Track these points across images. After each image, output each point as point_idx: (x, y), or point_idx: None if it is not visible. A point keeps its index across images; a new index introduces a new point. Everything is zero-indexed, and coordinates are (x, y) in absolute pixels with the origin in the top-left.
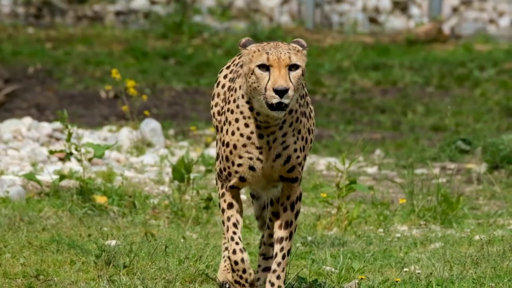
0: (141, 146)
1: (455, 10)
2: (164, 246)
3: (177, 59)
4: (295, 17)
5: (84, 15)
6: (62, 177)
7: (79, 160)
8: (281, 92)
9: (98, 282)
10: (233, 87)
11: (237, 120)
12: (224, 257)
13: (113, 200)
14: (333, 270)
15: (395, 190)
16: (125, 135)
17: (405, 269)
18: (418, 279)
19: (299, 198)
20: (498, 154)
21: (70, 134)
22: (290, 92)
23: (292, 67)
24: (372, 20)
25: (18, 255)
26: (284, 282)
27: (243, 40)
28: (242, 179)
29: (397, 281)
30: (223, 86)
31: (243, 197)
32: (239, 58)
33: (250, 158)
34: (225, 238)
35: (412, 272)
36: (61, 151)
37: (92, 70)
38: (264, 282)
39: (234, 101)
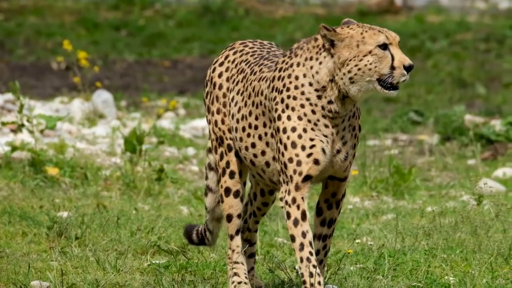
0: (93, 118)
1: None
2: (116, 218)
3: (129, 31)
4: None
5: None
6: (14, 148)
7: (31, 132)
8: (410, 69)
9: (50, 254)
10: (290, 74)
11: (303, 106)
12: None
13: (65, 171)
14: (285, 241)
15: None
16: (77, 106)
17: (357, 241)
18: (370, 251)
19: (344, 196)
20: (450, 126)
21: (22, 106)
22: None
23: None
24: None
25: None
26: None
27: (322, 24)
28: (316, 162)
29: (349, 253)
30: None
31: (195, 168)
32: (233, 54)
33: (321, 141)
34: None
35: (364, 244)
36: (13, 122)
37: (43, 42)
38: (252, 269)
39: (296, 87)
